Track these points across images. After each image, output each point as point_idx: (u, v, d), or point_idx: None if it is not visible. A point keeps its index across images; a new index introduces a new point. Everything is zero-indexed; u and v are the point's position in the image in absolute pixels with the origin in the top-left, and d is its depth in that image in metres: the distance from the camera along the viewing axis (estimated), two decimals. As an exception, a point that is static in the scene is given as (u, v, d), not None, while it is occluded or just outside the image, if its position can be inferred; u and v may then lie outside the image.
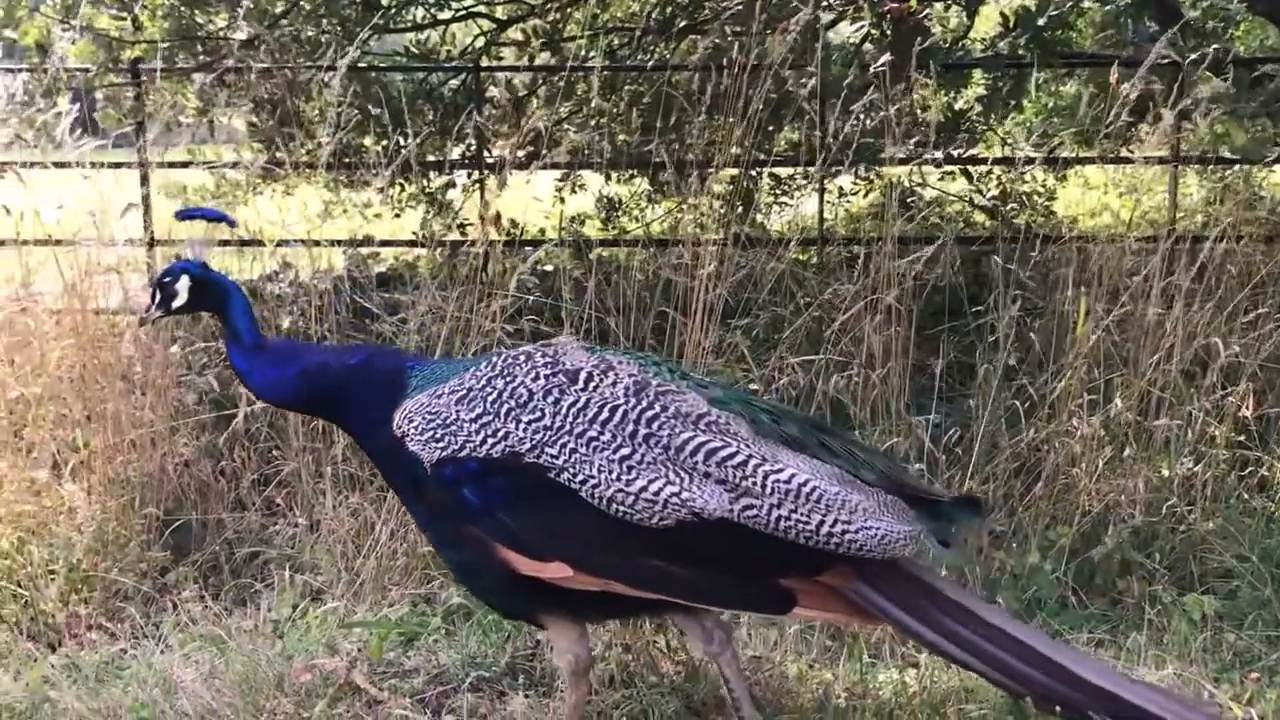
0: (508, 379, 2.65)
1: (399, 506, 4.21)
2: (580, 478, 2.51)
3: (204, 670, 3.36)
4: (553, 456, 2.53)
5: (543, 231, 5.76)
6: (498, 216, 6.04)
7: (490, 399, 2.62)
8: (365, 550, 4.13)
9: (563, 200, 6.12)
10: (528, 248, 5.12)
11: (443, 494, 2.63)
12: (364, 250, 5.94)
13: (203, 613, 3.79)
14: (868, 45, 5.65)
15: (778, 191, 5.72)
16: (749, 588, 2.59)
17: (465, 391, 2.66)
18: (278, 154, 5.61)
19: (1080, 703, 2.56)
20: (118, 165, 5.66)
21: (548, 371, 2.65)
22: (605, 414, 2.56)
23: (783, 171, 5.73)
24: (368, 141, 5.82)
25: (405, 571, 4.06)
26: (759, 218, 5.50)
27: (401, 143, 5.04)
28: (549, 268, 5.47)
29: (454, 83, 6.21)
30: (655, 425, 2.55)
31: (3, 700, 3.24)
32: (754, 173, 5.29)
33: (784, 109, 4.88)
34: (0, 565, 4.00)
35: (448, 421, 2.61)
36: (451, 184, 6.13)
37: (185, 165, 5.94)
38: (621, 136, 5.31)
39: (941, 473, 4.10)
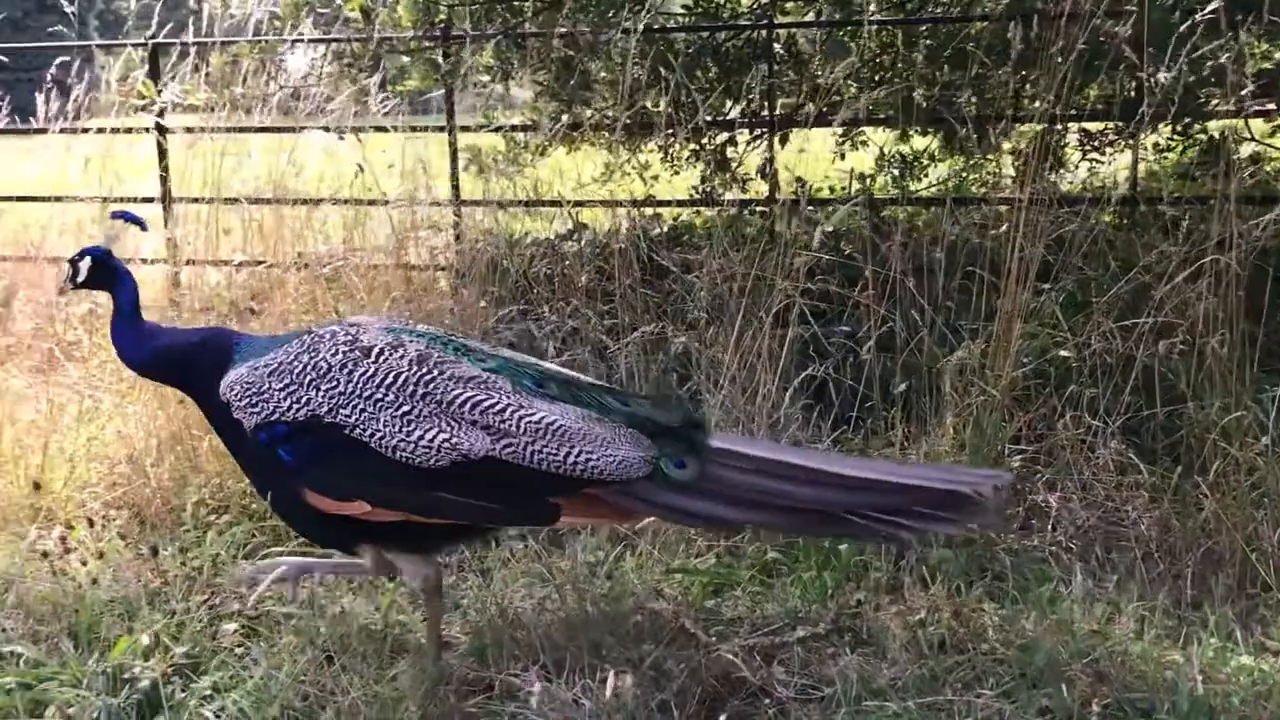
0: (312, 354, 3.13)
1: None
2: (369, 432, 3.02)
3: (533, 605, 3.54)
4: (346, 416, 3.04)
5: (832, 190, 5.69)
6: (774, 175, 6.05)
7: (296, 371, 3.11)
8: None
9: (842, 157, 6.02)
10: (810, 207, 5.06)
11: (261, 452, 3.13)
12: (646, 210, 6.07)
13: (524, 551, 4.00)
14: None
15: (1087, 147, 5.40)
16: (517, 508, 3.11)
17: (276, 365, 3.14)
18: (564, 116, 5.79)
19: (877, 503, 3.04)
20: (425, 129, 6.00)
21: (345, 348, 3.13)
22: (390, 380, 3.06)
23: (1092, 126, 5.39)
24: (653, 103, 5.89)
25: (708, 524, 4.14)
26: (1064, 175, 5.22)
27: (686, 101, 5.08)
28: (829, 228, 5.37)
29: (737, 40, 6.20)
30: (431, 386, 3.05)
31: (363, 622, 3.53)
32: (1059, 128, 4.99)
33: (1098, 59, 4.57)
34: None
35: (261, 391, 3.11)
36: (733, 142, 6.13)
37: (479, 129, 6.22)
38: (919, 91, 5.15)
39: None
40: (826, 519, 3.10)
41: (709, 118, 5.32)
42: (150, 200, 6.52)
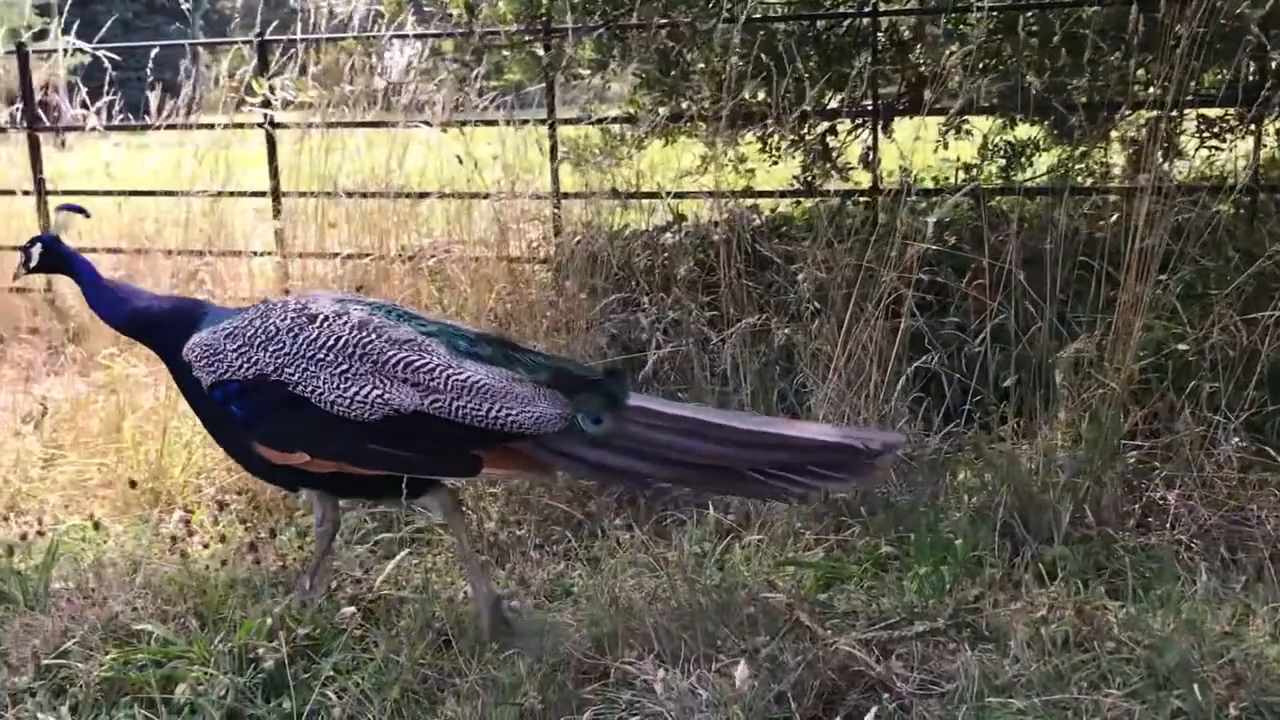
0: (264, 320, 3.40)
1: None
2: (309, 389, 3.28)
3: (645, 594, 3.55)
4: (290, 374, 3.30)
5: (936, 180, 5.59)
6: (877, 165, 5.97)
7: (248, 335, 3.37)
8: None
9: (945, 146, 5.90)
10: (912, 197, 4.98)
11: (216, 409, 3.43)
12: (745, 202, 6.02)
13: (630, 541, 4.01)
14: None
15: (1205, 134, 5.22)
16: (443, 459, 3.35)
17: (232, 330, 3.41)
18: (661, 108, 5.78)
19: (761, 460, 3.30)
20: (525, 122, 6.05)
21: (294, 314, 3.39)
22: (331, 342, 3.31)
23: (1211, 112, 5.22)
24: (752, 94, 5.84)
25: (815, 517, 4.11)
26: (1179, 163, 5.06)
27: (787, 91, 5.03)
28: (931, 219, 5.27)
29: (839, 29, 6.12)
30: (368, 348, 3.30)
31: (471, 609, 3.57)
32: (1175, 114, 4.84)
33: (1220, 42, 4.42)
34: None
35: (217, 352, 3.38)
36: (834, 131, 6.06)
37: (579, 122, 6.24)
38: (1030, 78, 5.02)
39: None
40: (730, 475, 3.38)
41: (809, 107, 5.26)
42: (261, 194, 6.69)
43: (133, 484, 4.53)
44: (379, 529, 4.30)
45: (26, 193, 7.21)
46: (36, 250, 3.86)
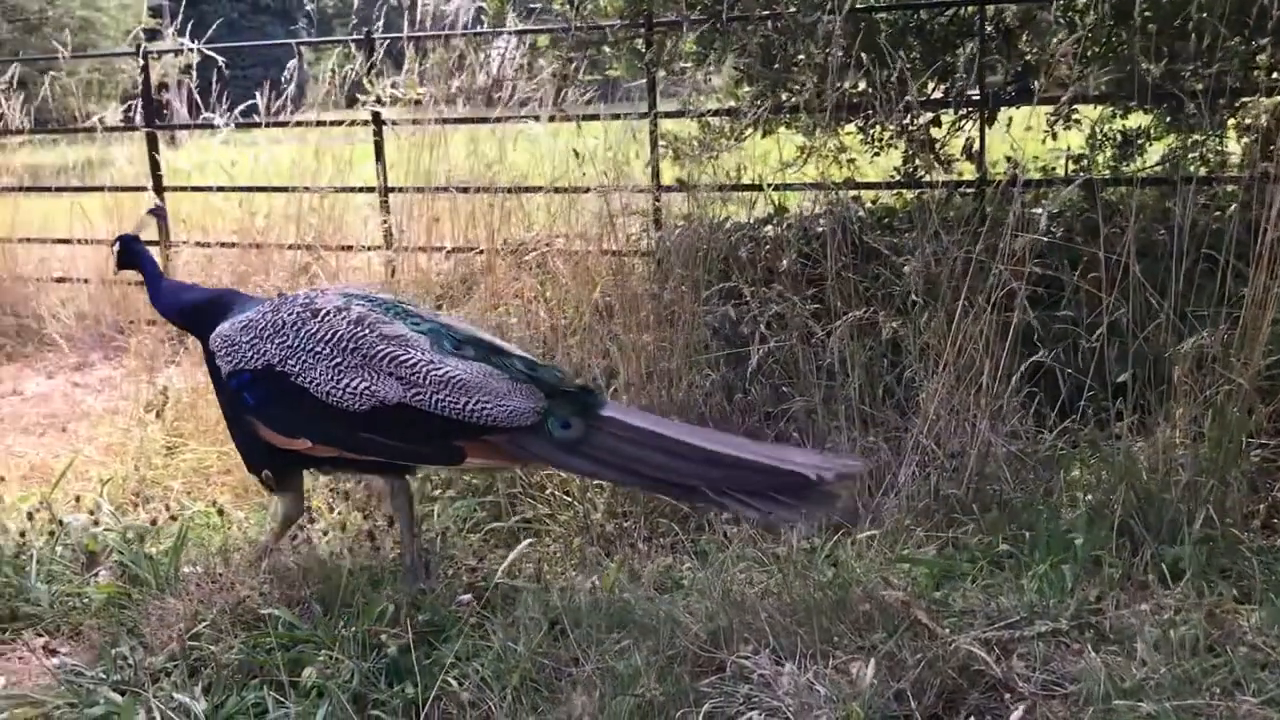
0: (274, 313, 3.65)
1: (920, 447, 4.23)
2: (309, 380, 3.55)
3: (758, 590, 3.56)
4: (292, 366, 3.56)
5: (1045, 170, 5.47)
6: (983, 156, 5.86)
7: (260, 327, 3.64)
8: (884, 489, 4.19)
9: (1054, 136, 5.76)
10: (1015, 188, 4.88)
11: (231, 396, 3.71)
12: (842, 194, 5.96)
13: (738, 534, 4.02)
14: None
15: (1333, 120, 5.02)
16: (428, 448, 3.61)
17: (247, 322, 3.67)
18: (764, 100, 5.75)
19: (731, 480, 3.41)
20: (625, 116, 6.07)
21: (300, 309, 3.63)
22: (329, 336, 3.56)
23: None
24: (852, 85, 5.78)
25: (925, 514, 4.07)
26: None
27: (889, 82, 4.96)
28: (1045, 210, 5.15)
29: (943, 18, 6.02)
30: (360, 343, 3.55)
31: (581, 600, 3.60)
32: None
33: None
34: (554, 479, 4.46)
35: (234, 343, 3.65)
36: (938, 122, 5.97)
37: (679, 115, 6.25)
38: (1146, 65, 4.88)
39: None
40: (689, 491, 3.52)
41: (912, 97, 5.18)
42: (370, 190, 6.84)
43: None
44: (488, 518, 4.38)
45: (142, 189, 7.48)
46: (116, 248, 4.22)
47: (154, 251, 4.58)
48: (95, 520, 4.35)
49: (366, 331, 3.57)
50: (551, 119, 5.72)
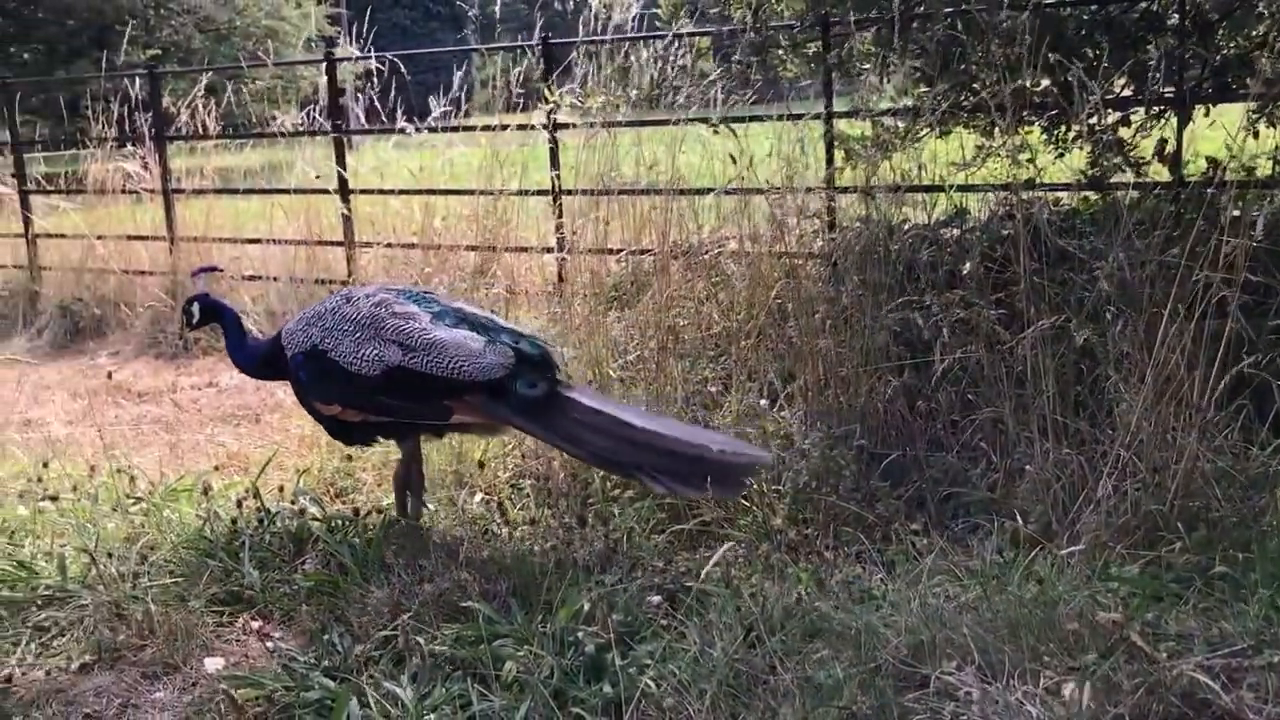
0: (321, 305, 4.40)
1: (1119, 460, 4.07)
2: (338, 353, 4.22)
3: (956, 604, 3.48)
4: (328, 344, 4.25)
5: (1248, 171, 5.19)
6: (1177, 156, 5.60)
7: (310, 317, 4.37)
8: (1081, 502, 4.05)
9: (1255, 135, 5.46)
10: (1209, 189, 4.63)
11: (294, 375, 4.38)
12: (1025, 195, 5.77)
13: (927, 546, 3.95)
14: None
15: None
16: (426, 407, 4.21)
17: (304, 315, 4.43)
18: (943, 100, 5.61)
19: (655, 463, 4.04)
20: (796, 117, 6.03)
21: (340, 300, 4.35)
22: (355, 316, 4.25)
23: None
24: (1033, 83, 5.60)
25: (1125, 531, 3.91)
26: None
27: (1075, 80, 4.77)
28: (1260, 213, 4.87)
29: (1133, 13, 5.78)
30: (375, 320, 4.22)
31: (773, 608, 3.59)
32: None
33: None
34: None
35: (294, 333, 4.36)
36: (1127, 121, 5.73)
37: (856, 115, 6.16)
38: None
39: None
40: (624, 466, 4.09)
41: (1099, 95, 4.98)
42: (545, 193, 6.99)
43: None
44: (668, 519, 4.42)
45: (326, 191, 7.81)
46: (196, 309, 4.70)
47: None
48: (301, 510, 4.57)
49: (383, 311, 4.23)
50: (722, 121, 5.71)
